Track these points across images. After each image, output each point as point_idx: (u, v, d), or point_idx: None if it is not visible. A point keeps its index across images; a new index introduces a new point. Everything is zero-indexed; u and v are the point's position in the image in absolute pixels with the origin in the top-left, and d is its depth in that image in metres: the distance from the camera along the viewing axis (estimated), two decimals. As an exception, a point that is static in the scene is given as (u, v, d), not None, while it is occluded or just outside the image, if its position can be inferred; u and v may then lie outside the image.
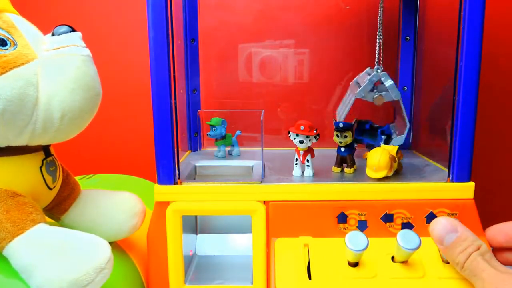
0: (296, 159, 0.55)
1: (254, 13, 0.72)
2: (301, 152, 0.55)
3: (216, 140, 0.65)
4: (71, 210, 0.49)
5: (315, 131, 0.54)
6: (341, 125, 0.55)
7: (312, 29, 0.72)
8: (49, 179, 0.45)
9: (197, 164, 0.61)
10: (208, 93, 0.72)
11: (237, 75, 0.73)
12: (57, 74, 0.41)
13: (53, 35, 0.43)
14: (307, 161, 0.55)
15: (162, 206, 0.50)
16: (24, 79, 0.39)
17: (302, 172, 0.55)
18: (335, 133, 0.56)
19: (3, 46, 0.39)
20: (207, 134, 0.65)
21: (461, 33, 0.48)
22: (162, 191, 0.50)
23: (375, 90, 0.57)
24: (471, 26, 0.47)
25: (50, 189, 0.46)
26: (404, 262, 0.45)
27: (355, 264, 0.45)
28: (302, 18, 0.72)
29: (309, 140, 0.54)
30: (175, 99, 0.50)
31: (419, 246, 0.42)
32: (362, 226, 0.50)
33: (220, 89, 0.74)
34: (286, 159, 0.60)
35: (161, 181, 0.50)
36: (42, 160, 0.44)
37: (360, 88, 0.57)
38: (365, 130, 0.61)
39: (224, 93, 0.74)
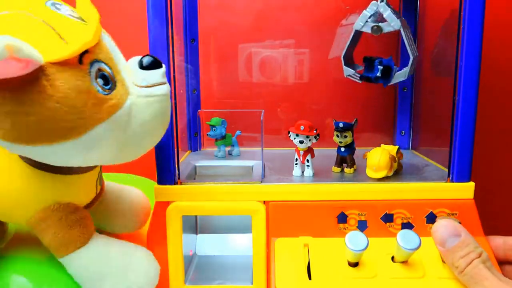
0: (296, 159, 0.55)
1: (254, 13, 0.72)
2: (301, 152, 0.55)
3: (216, 140, 0.65)
4: (96, 204, 0.51)
5: (315, 131, 0.54)
6: (341, 125, 0.55)
7: (312, 29, 0.72)
8: (98, 187, 0.48)
9: (197, 164, 0.61)
10: (208, 93, 0.72)
11: (237, 75, 0.73)
12: (145, 114, 0.40)
13: (141, 66, 0.40)
14: (307, 161, 0.55)
15: (162, 206, 0.50)
16: (120, 124, 0.38)
17: (302, 172, 0.55)
18: (335, 133, 0.56)
19: (106, 86, 0.36)
20: (207, 134, 0.65)
21: (461, 33, 0.48)
22: (162, 191, 0.50)
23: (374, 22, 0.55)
24: (471, 26, 0.47)
25: (96, 193, 0.48)
26: (404, 262, 0.45)
27: (355, 264, 0.45)
28: (302, 18, 0.72)
29: (309, 140, 0.54)
30: (175, 99, 0.50)
31: (419, 246, 0.42)
32: (362, 226, 0.50)
33: (220, 89, 0.74)
34: (286, 159, 0.60)
35: (161, 181, 0.50)
36: (98, 173, 0.47)
37: (359, 18, 0.55)
38: (368, 65, 0.59)
39: (224, 93, 0.74)
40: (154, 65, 0.41)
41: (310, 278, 0.45)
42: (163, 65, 0.42)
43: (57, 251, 0.41)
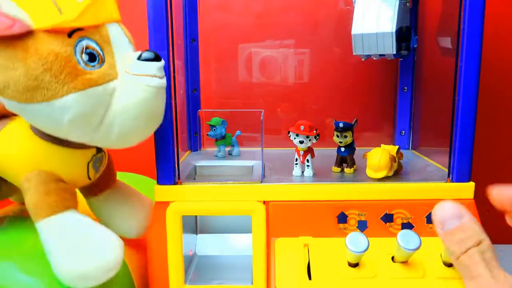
0: (296, 159, 0.55)
1: (254, 13, 0.72)
2: (301, 152, 0.55)
3: (216, 140, 0.65)
4: (101, 196, 0.53)
5: (315, 131, 0.54)
6: (341, 125, 0.55)
7: (312, 29, 0.72)
8: (92, 172, 0.49)
9: (197, 164, 0.61)
10: (208, 93, 0.72)
11: (237, 75, 0.73)
12: (127, 99, 0.42)
13: (139, 57, 0.43)
14: (307, 161, 0.55)
15: (162, 206, 0.50)
16: (98, 98, 0.41)
17: (302, 172, 0.55)
18: (335, 133, 0.56)
19: (91, 62, 0.40)
20: (207, 134, 0.65)
21: (461, 33, 0.48)
22: (162, 191, 0.50)
23: None
24: (471, 26, 0.47)
25: (90, 179, 0.50)
26: (404, 262, 0.45)
27: (355, 264, 0.45)
28: (302, 18, 0.72)
29: (309, 140, 0.54)
30: (175, 99, 0.50)
31: (419, 246, 0.42)
32: (362, 226, 0.50)
33: (220, 89, 0.74)
34: (286, 159, 0.60)
35: (161, 181, 0.50)
36: (92, 156, 0.48)
37: None
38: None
39: (224, 93, 0.74)
40: (151, 59, 0.43)
41: (310, 278, 0.45)
42: (162, 61, 0.44)
43: (32, 214, 0.44)
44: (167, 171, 0.50)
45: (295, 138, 0.54)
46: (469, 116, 0.49)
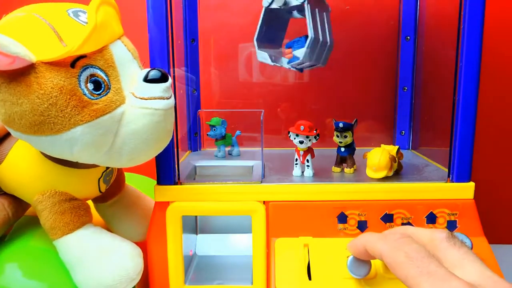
0: (296, 159, 0.55)
1: (254, 13, 0.71)
2: (301, 152, 0.55)
3: (216, 140, 0.65)
4: (109, 202, 0.55)
5: (315, 131, 0.54)
6: (341, 125, 0.55)
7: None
8: (103, 186, 0.50)
9: (197, 164, 0.61)
10: (208, 93, 0.72)
11: (237, 75, 0.73)
12: (136, 124, 0.41)
13: (146, 78, 0.41)
14: (307, 161, 0.55)
15: (162, 206, 0.50)
16: (106, 127, 0.39)
17: (302, 172, 0.55)
18: (335, 133, 0.56)
19: (96, 91, 0.39)
20: (207, 134, 0.65)
21: (461, 33, 0.48)
22: (162, 192, 0.50)
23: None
24: (471, 26, 0.47)
25: (101, 192, 0.51)
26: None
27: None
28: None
29: (309, 140, 0.54)
30: (175, 99, 0.50)
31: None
32: (362, 226, 0.50)
33: (220, 89, 0.74)
34: (286, 159, 0.60)
35: (161, 182, 0.50)
36: (103, 172, 0.49)
37: None
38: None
39: (224, 93, 0.74)
40: (158, 79, 0.41)
41: (310, 278, 0.45)
42: (169, 80, 0.42)
43: (49, 233, 0.45)
44: (167, 171, 0.50)
45: (295, 138, 0.54)
46: (469, 116, 0.49)
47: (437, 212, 0.50)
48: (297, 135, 0.54)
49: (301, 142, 0.54)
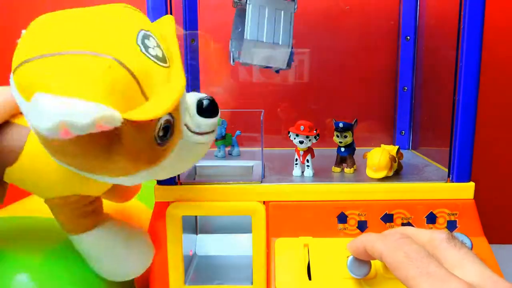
0: (296, 159, 0.55)
1: (254, 13, 0.71)
2: (301, 152, 0.55)
3: (216, 140, 0.65)
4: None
5: (315, 131, 0.54)
6: (341, 125, 0.55)
7: (312, 29, 0.72)
8: None
9: (197, 164, 0.61)
10: (208, 93, 0.72)
11: (237, 75, 0.73)
12: (186, 154, 0.42)
13: (200, 111, 0.41)
14: (307, 161, 0.55)
15: (162, 206, 0.50)
16: (162, 166, 0.40)
17: (302, 172, 0.55)
18: (335, 133, 0.56)
19: (164, 137, 0.37)
20: (207, 134, 0.65)
21: (461, 33, 0.48)
22: (162, 191, 0.50)
23: None
24: (471, 26, 0.47)
25: None
26: (404, 262, 0.45)
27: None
28: (302, 18, 0.71)
29: (309, 140, 0.54)
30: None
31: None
32: (362, 226, 0.50)
33: (220, 89, 0.74)
34: (286, 159, 0.60)
35: (161, 181, 0.50)
36: None
37: None
38: None
39: (224, 93, 0.74)
40: (211, 111, 0.41)
41: (310, 278, 0.45)
42: (219, 112, 0.42)
43: (67, 231, 0.45)
44: (167, 171, 0.50)
45: (295, 138, 0.54)
46: (469, 116, 0.49)
47: (437, 212, 0.50)
48: (297, 135, 0.54)
49: (301, 142, 0.54)
